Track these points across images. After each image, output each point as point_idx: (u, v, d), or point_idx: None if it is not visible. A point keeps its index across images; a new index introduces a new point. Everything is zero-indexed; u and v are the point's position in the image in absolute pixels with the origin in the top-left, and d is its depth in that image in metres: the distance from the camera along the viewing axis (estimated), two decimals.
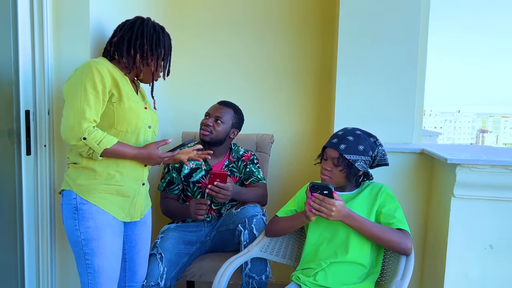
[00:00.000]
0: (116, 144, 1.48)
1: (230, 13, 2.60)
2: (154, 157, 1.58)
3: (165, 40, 1.64)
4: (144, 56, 1.59)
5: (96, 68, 1.46)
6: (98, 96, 1.45)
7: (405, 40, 2.09)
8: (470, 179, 1.65)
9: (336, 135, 1.69)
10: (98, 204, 1.52)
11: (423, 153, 1.99)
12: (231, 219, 1.99)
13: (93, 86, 1.44)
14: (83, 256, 1.52)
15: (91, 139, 1.42)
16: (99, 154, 1.45)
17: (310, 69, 2.57)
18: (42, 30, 1.69)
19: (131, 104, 1.54)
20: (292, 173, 2.64)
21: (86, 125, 1.41)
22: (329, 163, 1.66)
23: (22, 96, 1.67)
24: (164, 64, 1.66)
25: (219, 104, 2.14)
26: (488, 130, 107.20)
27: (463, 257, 1.72)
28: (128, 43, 1.58)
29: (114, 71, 1.53)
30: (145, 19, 1.63)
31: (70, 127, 1.42)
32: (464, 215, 1.70)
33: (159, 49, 1.61)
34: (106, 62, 1.54)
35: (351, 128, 1.70)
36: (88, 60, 1.53)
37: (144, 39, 1.58)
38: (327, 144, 1.68)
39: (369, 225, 1.56)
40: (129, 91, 1.57)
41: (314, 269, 1.61)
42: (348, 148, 1.61)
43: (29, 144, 1.70)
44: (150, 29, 1.60)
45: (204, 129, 2.09)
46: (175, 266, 1.90)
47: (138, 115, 1.56)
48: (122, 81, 1.55)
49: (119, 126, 1.52)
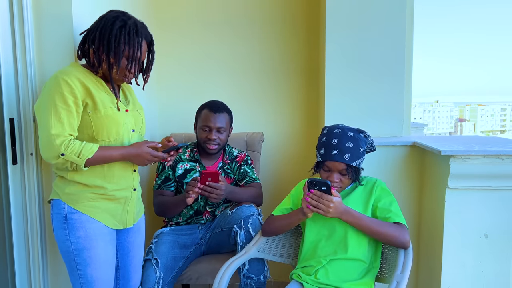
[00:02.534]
0: (98, 151, 1.42)
1: (216, 12, 2.56)
2: (144, 154, 1.50)
3: (130, 39, 1.46)
4: (95, 50, 1.46)
5: (64, 80, 1.38)
6: (69, 109, 1.38)
7: (392, 33, 2.09)
8: (464, 170, 1.67)
9: (332, 145, 1.60)
10: (88, 213, 1.47)
11: (414, 146, 2.01)
12: (226, 220, 1.97)
13: (63, 100, 1.37)
14: (75, 266, 1.48)
15: (69, 153, 1.36)
16: (83, 165, 1.40)
17: (297, 66, 2.56)
18: (24, 34, 1.63)
19: (107, 112, 1.46)
20: (284, 171, 2.63)
21: (60, 140, 1.36)
22: (336, 174, 1.62)
23: (5, 103, 1.60)
24: (130, 66, 1.48)
25: (214, 113, 2.04)
26: (466, 119, 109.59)
27: (459, 247, 1.74)
28: (84, 37, 1.50)
29: (86, 78, 1.45)
30: (113, 11, 1.51)
31: (45, 147, 1.37)
32: (458, 206, 1.72)
33: (112, 45, 1.44)
34: (76, 69, 1.46)
35: (341, 132, 1.63)
36: (57, 71, 1.44)
37: (97, 32, 1.45)
38: (329, 158, 1.60)
39: (366, 221, 1.56)
40: (104, 96, 1.48)
41: (314, 267, 1.60)
42: (352, 156, 1.59)
43: (15, 153, 1.64)
44: (108, 21, 1.46)
45: (210, 144, 2.03)
46: (171, 270, 1.87)
47: (116, 121, 1.49)
48: (96, 87, 1.47)
49: (99, 136, 1.46)
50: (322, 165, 1.64)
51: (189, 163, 2.09)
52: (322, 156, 1.62)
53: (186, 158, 2.10)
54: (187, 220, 2.09)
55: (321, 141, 1.66)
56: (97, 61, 1.48)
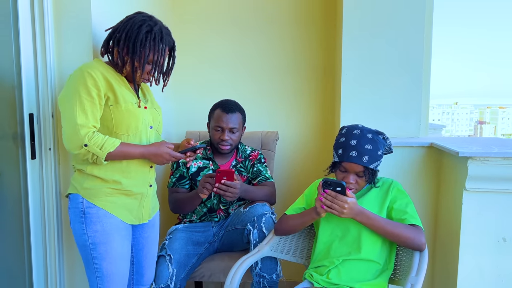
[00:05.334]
0: (119, 146, 1.44)
1: (233, 11, 2.57)
2: (164, 154, 1.54)
3: (155, 44, 1.49)
4: (119, 51, 1.49)
5: (88, 73, 1.41)
6: (93, 101, 1.41)
7: (411, 30, 2.06)
8: (482, 172, 1.64)
9: (351, 147, 1.57)
10: (105, 207, 1.50)
11: (431, 147, 1.97)
12: (239, 218, 1.97)
13: (87, 92, 1.40)
14: (92, 260, 1.50)
15: (92, 144, 1.39)
16: (104, 158, 1.42)
17: (313, 65, 2.55)
18: (44, 32, 1.66)
19: (128, 106, 1.50)
20: (298, 170, 2.62)
21: (84, 131, 1.38)
22: (352, 176, 1.60)
23: (25, 99, 1.64)
24: (153, 70, 1.53)
25: (226, 113, 2.03)
26: (486, 121, 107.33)
27: (476, 251, 1.71)
28: (109, 35, 1.52)
29: (108, 73, 1.48)
30: (141, 13, 1.54)
31: (69, 137, 1.39)
32: (476, 209, 1.69)
33: (138, 49, 1.47)
34: (99, 64, 1.49)
35: (360, 133, 1.60)
36: (81, 65, 1.48)
37: (123, 33, 1.48)
38: (346, 159, 1.57)
39: (381, 222, 1.54)
40: (126, 92, 1.52)
41: (327, 267, 1.59)
42: (370, 158, 1.56)
43: (33, 147, 1.67)
44: (136, 24, 1.48)
45: (223, 144, 2.04)
46: (184, 267, 1.88)
47: (136, 116, 1.52)
48: (118, 83, 1.50)
49: (118, 129, 1.48)
50: (339, 165, 1.62)
51: (203, 161, 2.10)
52: (339, 157, 1.60)
53: (200, 156, 2.11)
54: (201, 218, 2.10)
55: (339, 141, 1.64)
56: (121, 62, 1.51)
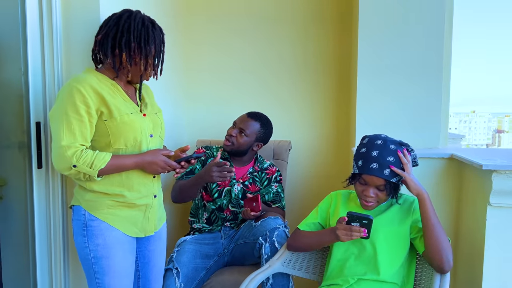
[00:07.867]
0: (111, 160, 1.38)
1: (244, 19, 2.52)
2: (159, 162, 1.46)
3: (155, 36, 1.46)
4: (131, 54, 1.43)
5: (77, 89, 1.35)
6: (82, 119, 1.35)
7: (430, 36, 1.98)
8: (508, 186, 1.54)
9: (372, 158, 1.48)
10: (107, 220, 1.44)
11: (452, 158, 1.88)
12: (251, 231, 1.91)
13: (75, 110, 1.34)
14: (93, 274, 1.45)
15: (81, 164, 1.33)
16: (96, 176, 1.37)
17: (327, 73, 2.48)
18: (52, 40, 1.64)
19: (123, 118, 1.42)
20: (311, 180, 2.54)
21: (71, 151, 1.32)
22: (372, 189, 1.50)
23: (32, 108, 1.61)
24: (156, 63, 1.49)
25: (247, 116, 2.08)
26: (505, 130, 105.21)
27: (501, 268, 1.60)
28: (112, 41, 1.42)
29: (100, 85, 1.40)
30: (133, 12, 1.46)
31: (56, 159, 1.35)
32: (501, 225, 1.59)
33: (149, 47, 1.43)
34: (91, 76, 1.41)
35: (383, 144, 1.51)
36: (70, 79, 1.40)
37: (131, 36, 1.41)
38: (367, 171, 1.48)
39: (437, 218, 1.48)
40: (120, 102, 1.44)
41: (341, 286, 1.51)
42: (392, 171, 1.48)
43: (40, 157, 1.64)
44: (138, 23, 1.43)
45: (227, 139, 2.07)
46: (192, 281, 1.82)
47: (133, 127, 1.44)
48: (111, 94, 1.42)
49: (116, 144, 1.42)
50: (359, 177, 1.52)
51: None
52: (359, 168, 1.51)
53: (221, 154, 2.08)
54: (210, 216, 2.05)
55: (359, 151, 1.55)
56: (130, 64, 1.44)
